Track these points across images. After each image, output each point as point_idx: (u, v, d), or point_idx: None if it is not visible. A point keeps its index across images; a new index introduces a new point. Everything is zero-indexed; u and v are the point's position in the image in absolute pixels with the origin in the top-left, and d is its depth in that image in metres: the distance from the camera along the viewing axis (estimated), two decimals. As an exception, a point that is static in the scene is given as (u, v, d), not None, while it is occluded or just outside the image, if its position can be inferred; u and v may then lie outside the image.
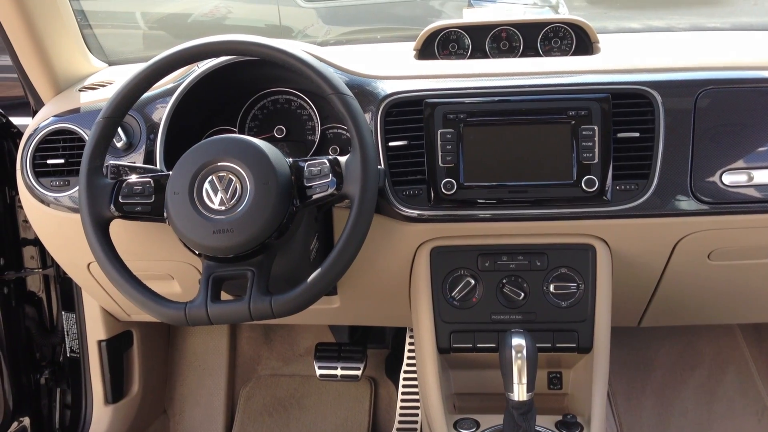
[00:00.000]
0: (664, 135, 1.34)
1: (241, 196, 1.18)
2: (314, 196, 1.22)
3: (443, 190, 1.37)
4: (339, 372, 2.16)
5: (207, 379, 2.31)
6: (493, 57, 1.66)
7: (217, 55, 1.31)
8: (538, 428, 1.38)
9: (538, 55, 1.65)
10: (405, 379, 2.21)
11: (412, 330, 2.15)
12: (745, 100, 1.36)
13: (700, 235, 1.41)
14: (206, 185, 1.19)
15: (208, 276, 1.20)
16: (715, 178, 1.34)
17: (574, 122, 1.34)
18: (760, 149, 1.35)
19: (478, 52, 1.66)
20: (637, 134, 1.35)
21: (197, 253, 1.22)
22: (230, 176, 1.19)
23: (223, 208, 1.18)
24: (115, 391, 1.98)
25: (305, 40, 3.68)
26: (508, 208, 1.38)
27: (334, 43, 3.43)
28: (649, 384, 2.24)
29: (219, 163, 1.20)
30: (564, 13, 3.73)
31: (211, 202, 1.18)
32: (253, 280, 1.19)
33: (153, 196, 1.24)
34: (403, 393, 2.20)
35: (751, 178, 1.34)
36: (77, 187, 1.39)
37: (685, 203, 1.35)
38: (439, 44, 1.66)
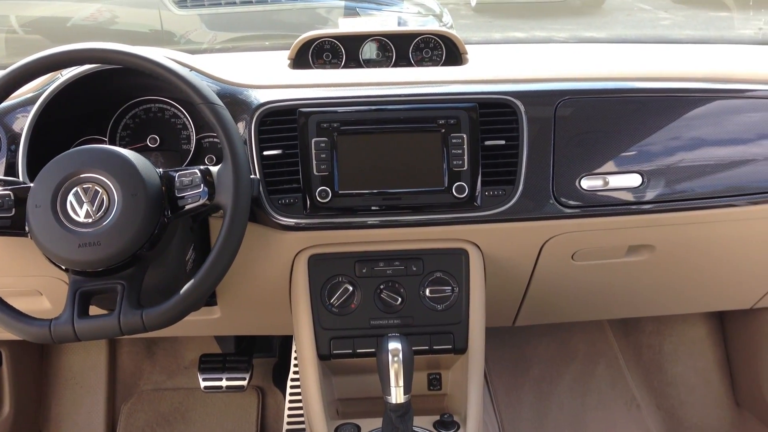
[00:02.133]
0: (528, 142, 1.40)
1: (109, 208, 1.15)
2: (186, 207, 1.21)
3: (318, 199, 1.38)
4: (224, 383, 2.13)
5: (85, 396, 2.23)
6: (367, 67, 1.69)
7: (79, 64, 1.27)
8: (415, 429, 1.40)
9: (410, 65, 1.69)
10: (292, 387, 2.21)
11: (297, 337, 2.15)
12: (600, 109, 1.44)
13: (564, 237, 1.49)
14: (70, 197, 1.15)
15: (75, 291, 1.17)
16: (575, 183, 1.42)
17: (444, 130, 1.38)
18: (615, 155, 1.43)
19: (352, 62, 1.69)
20: (503, 142, 1.40)
21: (63, 268, 1.18)
22: (96, 188, 1.16)
23: (89, 220, 1.15)
24: (-17, 413, 1.88)
25: (188, 46, 3.62)
26: (383, 215, 1.41)
27: (219, 49, 3.39)
28: (528, 380, 2.34)
29: (84, 175, 1.16)
30: (448, 22, 3.84)
31: (76, 214, 1.15)
32: (124, 293, 1.17)
33: (13, 209, 1.19)
34: (291, 401, 2.20)
35: (606, 183, 1.42)
36: None
37: (548, 207, 1.41)
38: (314, 53, 1.67)
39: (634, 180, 1.43)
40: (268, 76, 1.48)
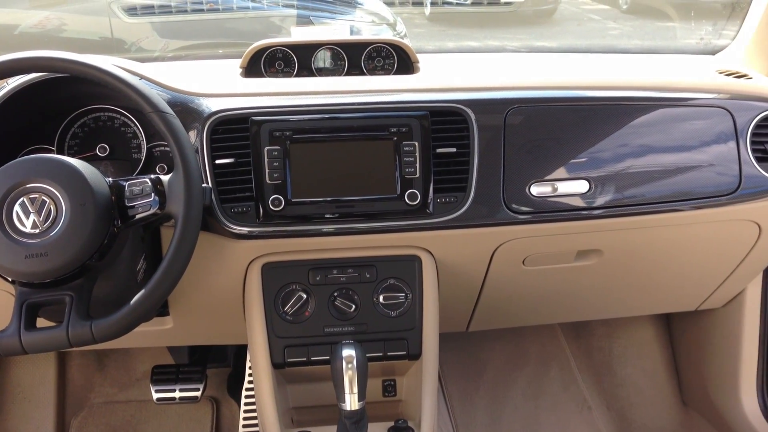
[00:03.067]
0: (479, 150, 1.42)
1: (56, 219, 1.13)
2: (136, 216, 1.20)
3: (271, 207, 1.38)
4: (177, 394, 2.10)
5: (33, 411, 2.17)
6: (319, 75, 1.70)
7: (26, 73, 1.25)
8: (370, 435, 1.42)
9: (362, 73, 1.70)
10: (247, 396, 2.19)
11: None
12: (549, 117, 1.47)
13: (514, 243, 1.51)
14: (17, 207, 1.13)
15: (22, 303, 1.14)
16: (525, 190, 1.45)
17: (396, 138, 1.40)
18: (563, 162, 1.46)
19: (305, 70, 1.69)
20: (454, 150, 1.42)
21: (10, 279, 1.16)
22: (44, 197, 1.14)
23: (36, 231, 1.13)
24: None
25: (140, 54, 3.58)
26: (336, 223, 1.41)
27: (171, 57, 3.35)
28: (482, 384, 2.36)
29: (30, 185, 1.14)
30: (402, 31, 3.87)
31: (23, 225, 1.13)
32: (72, 304, 1.15)
33: None
34: (246, 411, 2.18)
35: (555, 189, 1.46)
36: None
37: (499, 213, 1.44)
38: (266, 62, 1.67)
39: (581, 186, 1.46)
40: (220, 85, 1.48)
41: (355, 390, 1.30)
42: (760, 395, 1.97)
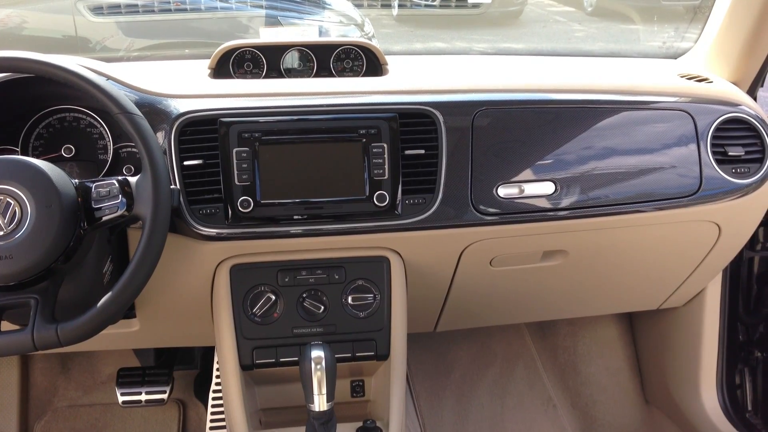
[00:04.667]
0: (447, 152, 1.44)
1: (21, 221, 1.12)
2: (104, 218, 1.19)
3: (240, 208, 1.38)
4: (143, 397, 2.08)
5: None
6: (288, 76, 1.70)
7: None
8: (338, 436, 1.42)
9: (331, 75, 1.71)
10: (214, 398, 2.18)
11: (219, 348, 2.13)
12: (516, 119, 1.49)
13: (482, 244, 1.53)
14: None
15: None
16: (492, 191, 1.46)
17: (365, 140, 1.40)
18: (530, 164, 1.48)
19: (274, 72, 1.69)
20: (422, 151, 1.43)
21: None
22: (8, 199, 1.12)
23: (0, 233, 1.11)
24: None
25: (105, 53, 3.53)
26: (305, 224, 1.41)
27: (137, 56, 3.31)
28: (449, 384, 2.38)
29: None
30: (369, 32, 3.88)
31: None
32: (37, 308, 1.13)
33: None
34: (213, 413, 2.17)
35: (522, 191, 1.48)
36: None
37: (467, 215, 1.45)
38: (234, 63, 1.67)
39: (547, 188, 1.49)
40: (188, 86, 1.47)
41: (324, 391, 1.31)
42: (719, 392, 2.02)
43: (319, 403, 1.31)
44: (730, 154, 1.57)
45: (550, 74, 1.72)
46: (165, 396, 2.10)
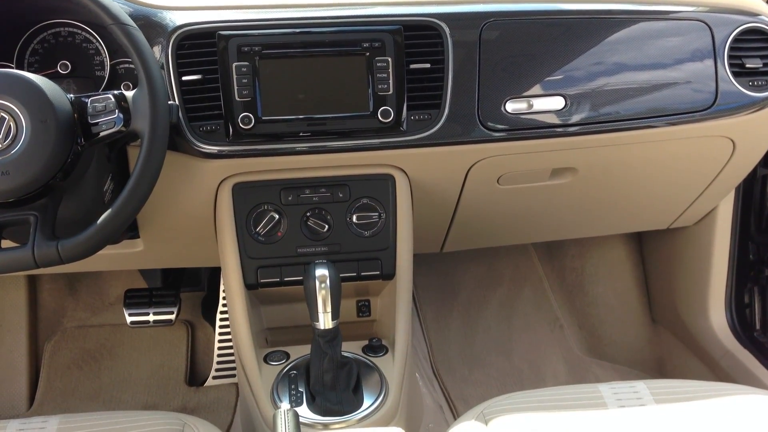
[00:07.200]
0: (453, 66, 1.39)
1: (17, 136, 1.10)
2: (101, 134, 1.16)
3: (241, 125, 1.34)
4: (151, 318, 2.10)
5: (5, 335, 2.16)
6: None
7: None
8: (344, 353, 1.43)
9: None
10: (221, 319, 2.20)
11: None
12: (526, 32, 1.43)
13: (489, 161, 1.50)
14: None
15: None
16: (500, 107, 1.42)
17: (368, 54, 1.36)
18: (539, 79, 1.43)
19: None
20: (428, 65, 1.39)
21: None
22: (2, 114, 1.10)
23: None
24: None
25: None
26: (308, 141, 1.38)
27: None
28: (456, 305, 2.39)
29: None
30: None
31: None
32: (37, 224, 1.12)
33: None
34: (221, 333, 2.19)
35: (530, 106, 1.43)
36: None
37: (474, 131, 1.42)
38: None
39: (557, 103, 1.44)
40: None
41: (329, 309, 1.30)
42: (728, 310, 2.02)
43: (324, 321, 1.30)
44: (747, 66, 1.51)
45: None
46: (173, 317, 2.11)
